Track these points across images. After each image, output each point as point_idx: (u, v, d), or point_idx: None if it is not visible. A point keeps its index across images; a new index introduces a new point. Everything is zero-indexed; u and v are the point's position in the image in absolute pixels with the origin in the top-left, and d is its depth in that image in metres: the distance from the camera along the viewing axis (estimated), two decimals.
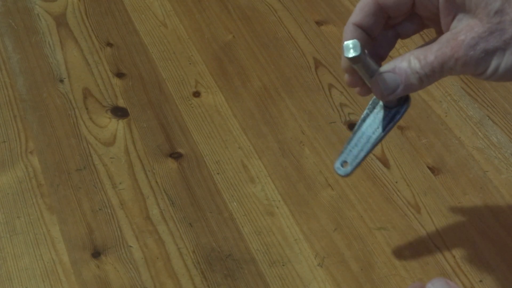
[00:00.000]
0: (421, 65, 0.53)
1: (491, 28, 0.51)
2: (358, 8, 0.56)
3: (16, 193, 0.75)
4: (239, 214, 0.73)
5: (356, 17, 0.56)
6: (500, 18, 0.51)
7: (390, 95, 0.54)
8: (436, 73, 0.53)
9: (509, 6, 0.51)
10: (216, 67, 0.89)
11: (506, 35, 0.51)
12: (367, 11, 0.55)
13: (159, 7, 0.98)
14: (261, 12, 0.97)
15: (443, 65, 0.52)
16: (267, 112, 0.84)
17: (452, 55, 0.52)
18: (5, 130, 0.81)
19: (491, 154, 0.79)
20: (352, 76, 0.57)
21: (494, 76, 0.53)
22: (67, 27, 0.95)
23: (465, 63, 0.52)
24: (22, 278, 0.68)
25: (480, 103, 0.84)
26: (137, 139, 0.80)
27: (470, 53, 0.52)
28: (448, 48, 0.52)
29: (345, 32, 0.56)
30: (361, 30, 0.56)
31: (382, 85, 0.54)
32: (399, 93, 0.54)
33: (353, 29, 0.56)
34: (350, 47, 0.51)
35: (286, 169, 0.77)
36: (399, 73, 0.53)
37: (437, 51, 0.52)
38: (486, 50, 0.51)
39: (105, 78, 0.88)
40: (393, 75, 0.54)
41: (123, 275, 0.68)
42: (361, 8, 0.56)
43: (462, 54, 0.52)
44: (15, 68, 0.89)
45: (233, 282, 0.67)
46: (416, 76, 0.53)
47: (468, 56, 0.52)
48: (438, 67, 0.52)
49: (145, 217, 0.73)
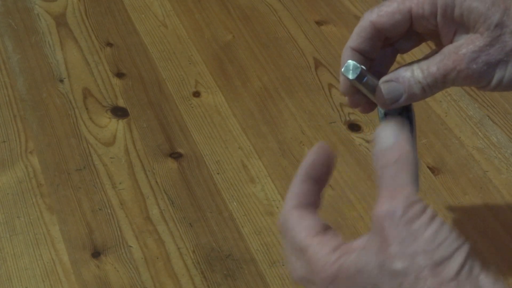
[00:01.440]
0: (423, 75, 0.53)
1: (492, 41, 0.51)
2: (355, 33, 0.55)
3: (16, 193, 0.75)
4: (239, 214, 0.73)
5: (353, 42, 0.55)
6: (501, 31, 0.51)
7: (393, 103, 0.54)
8: (439, 84, 0.53)
9: (508, 18, 0.51)
10: (216, 67, 0.89)
11: (508, 47, 0.51)
12: (364, 36, 0.55)
13: (159, 7, 0.98)
14: (261, 12, 0.97)
15: (446, 76, 0.52)
16: (267, 112, 0.84)
17: (454, 67, 0.52)
18: (5, 130, 0.81)
19: (491, 154, 0.79)
20: (352, 97, 0.57)
21: (499, 87, 0.53)
22: (67, 27, 0.95)
23: (467, 76, 0.52)
24: (22, 278, 0.68)
25: (480, 103, 0.84)
26: (137, 139, 0.80)
27: (472, 66, 0.52)
28: (450, 60, 0.52)
29: (343, 56, 0.56)
30: (359, 54, 0.55)
31: (386, 94, 0.54)
32: (402, 102, 0.54)
33: (351, 54, 0.55)
34: (349, 69, 0.52)
35: (286, 169, 0.77)
36: (402, 82, 0.53)
37: (439, 63, 0.52)
38: (488, 62, 0.51)
39: (105, 78, 0.88)
40: (396, 84, 0.54)
41: (123, 275, 0.68)
42: (358, 33, 0.55)
43: (464, 67, 0.52)
44: (15, 68, 0.89)
45: (233, 282, 0.67)
46: (419, 86, 0.53)
47: (470, 70, 0.52)
48: (440, 78, 0.52)
49: (145, 217, 0.73)
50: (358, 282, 0.43)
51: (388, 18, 0.54)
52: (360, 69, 0.52)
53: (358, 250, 0.44)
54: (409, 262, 0.41)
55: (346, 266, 0.44)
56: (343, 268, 0.44)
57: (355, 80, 0.52)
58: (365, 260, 0.43)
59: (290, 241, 0.47)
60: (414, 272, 0.41)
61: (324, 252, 0.44)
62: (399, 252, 0.41)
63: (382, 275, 0.42)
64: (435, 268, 0.41)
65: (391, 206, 0.42)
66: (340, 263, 0.44)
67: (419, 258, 0.41)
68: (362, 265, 0.43)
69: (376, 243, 0.42)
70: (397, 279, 0.41)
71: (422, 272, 0.41)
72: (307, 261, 0.45)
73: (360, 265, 0.43)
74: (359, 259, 0.43)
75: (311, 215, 0.47)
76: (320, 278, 0.44)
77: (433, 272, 0.41)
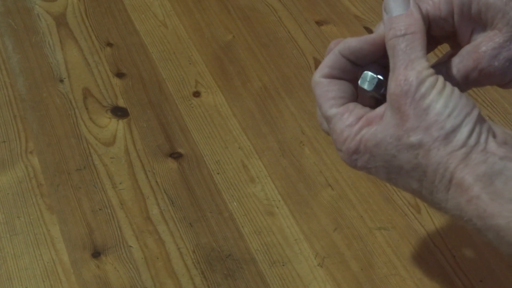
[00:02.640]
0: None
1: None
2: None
3: (16, 193, 0.75)
4: (239, 214, 0.73)
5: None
6: None
7: None
8: (461, 86, 0.52)
9: None
10: (216, 67, 0.89)
11: None
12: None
13: (159, 7, 0.98)
14: (261, 12, 0.97)
15: (467, 77, 0.52)
16: (267, 112, 0.84)
17: (475, 66, 0.52)
18: (5, 130, 0.81)
19: None
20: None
21: None
22: (67, 27, 0.95)
23: (489, 74, 0.52)
24: (22, 278, 0.68)
25: (480, 103, 0.84)
26: (137, 139, 0.80)
27: (494, 63, 0.51)
28: (469, 60, 0.52)
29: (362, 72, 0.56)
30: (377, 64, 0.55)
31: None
32: None
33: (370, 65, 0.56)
34: (366, 80, 0.52)
35: (286, 169, 0.77)
36: None
37: (459, 64, 0.52)
38: (510, 58, 0.51)
39: (105, 78, 0.88)
40: None
41: (123, 275, 0.68)
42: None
43: (486, 65, 0.51)
44: (15, 68, 0.89)
45: (233, 282, 0.67)
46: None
47: (492, 67, 0.51)
48: (461, 80, 0.52)
49: (145, 217, 0.73)
50: (378, 153, 0.48)
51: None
52: (377, 79, 0.52)
53: (377, 122, 0.49)
54: (423, 135, 0.46)
55: (366, 138, 0.49)
56: (364, 140, 0.49)
57: (373, 91, 0.52)
58: (384, 133, 0.48)
59: (318, 108, 0.52)
60: (427, 144, 0.46)
61: (347, 123, 0.50)
62: (414, 126, 0.46)
63: (400, 148, 0.47)
64: (446, 137, 0.46)
65: (406, 83, 0.47)
66: (361, 135, 0.49)
67: (432, 130, 0.46)
68: (380, 139, 0.48)
69: (393, 119, 0.47)
70: (413, 151, 0.47)
71: (434, 143, 0.46)
72: (333, 130, 0.51)
73: (378, 139, 0.48)
74: (378, 132, 0.48)
75: (337, 86, 0.51)
76: (345, 148, 0.50)
77: (445, 141, 0.46)
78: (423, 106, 0.46)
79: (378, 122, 0.49)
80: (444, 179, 0.46)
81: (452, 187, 0.46)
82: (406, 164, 0.47)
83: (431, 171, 0.46)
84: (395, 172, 0.48)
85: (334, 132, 0.51)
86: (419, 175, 0.47)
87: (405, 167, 0.48)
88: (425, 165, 0.46)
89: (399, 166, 0.48)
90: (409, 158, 0.47)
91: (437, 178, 0.46)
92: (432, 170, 0.46)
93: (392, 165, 0.48)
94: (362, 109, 0.51)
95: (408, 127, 0.46)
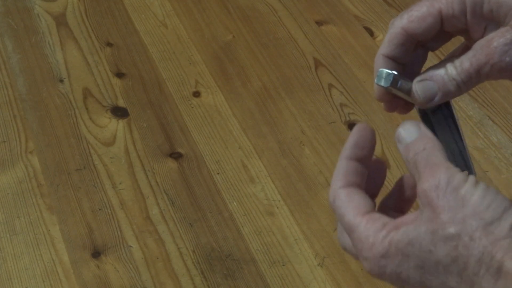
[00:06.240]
0: (457, 71, 0.53)
1: None
2: (387, 41, 0.56)
3: (16, 193, 0.75)
4: (239, 214, 0.73)
5: (385, 49, 0.56)
6: None
7: (429, 102, 0.55)
8: (473, 79, 0.53)
9: None
10: (216, 67, 0.89)
11: None
12: (396, 42, 0.55)
13: (159, 7, 0.98)
14: (261, 12, 0.97)
15: (479, 71, 0.53)
16: (267, 112, 0.84)
17: (487, 61, 0.52)
18: (5, 130, 0.81)
19: (491, 154, 0.79)
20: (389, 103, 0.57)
21: None
22: (67, 27, 0.95)
23: (500, 69, 0.52)
24: (22, 278, 0.68)
25: (480, 103, 0.84)
26: (137, 139, 0.80)
27: (505, 59, 0.52)
28: (482, 55, 0.52)
29: (376, 64, 0.56)
30: (391, 60, 0.56)
31: (421, 94, 0.54)
32: (437, 100, 0.55)
33: (383, 61, 0.56)
34: (382, 77, 0.52)
35: (286, 169, 0.77)
36: (437, 80, 0.54)
37: (472, 58, 0.53)
38: None
39: (105, 78, 0.88)
40: (430, 83, 0.54)
41: (123, 275, 0.68)
42: (390, 40, 0.56)
43: (497, 60, 0.52)
44: (15, 68, 0.89)
45: (233, 282, 0.67)
46: (454, 83, 0.54)
47: (503, 62, 0.52)
48: (474, 73, 0.53)
49: (145, 217, 0.73)
50: (412, 252, 0.46)
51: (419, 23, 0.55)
52: (393, 75, 0.52)
53: (406, 225, 0.46)
54: (462, 226, 0.44)
55: (396, 239, 0.46)
56: (394, 241, 0.46)
57: (390, 87, 0.52)
58: (417, 231, 0.45)
59: (340, 220, 0.50)
60: (467, 234, 0.44)
61: (374, 229, 0.47)
62: (450, 218, 0.44)
63: (437, 241, 0.45)
64: (487, 228, 0.44)
65: (435, 179, 0.45)
66: (390, 237, 0.47)
67: (470, 221, 0.44)
68: (413, 236, 0.45)
69: (426, 215, 0.45)
70: (452, 242, 0.44)
71: (475, 233, 0.44)
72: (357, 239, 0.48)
73: (411, 237, 0.46)
74: (410, 231, 0.46)
75: (358, 194, 0.50)
76: (372, 254, 0.47)
77: (486, 231, 0.43)
78: (457, 198, 0.44)
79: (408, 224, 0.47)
80: (491, 268, 0.44)
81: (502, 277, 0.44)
82: (444, 258, 0.45)
83: (473, 261, 0.44)
84: (431, 271, 0.46)
85: (359, 241, 0.48)
86: (459, 268, 0.45)
87: (443, 262, 0.45)
88: (466, 256, 0.44)
89: (436, 261, 0.46)
90: (448, 251, 0.45)
91: (483, 268, 0.44)
92: (475, 261, 0.44)
93: (428, 262, 0.46)
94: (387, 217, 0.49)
95: (443, 219, 0.44)
